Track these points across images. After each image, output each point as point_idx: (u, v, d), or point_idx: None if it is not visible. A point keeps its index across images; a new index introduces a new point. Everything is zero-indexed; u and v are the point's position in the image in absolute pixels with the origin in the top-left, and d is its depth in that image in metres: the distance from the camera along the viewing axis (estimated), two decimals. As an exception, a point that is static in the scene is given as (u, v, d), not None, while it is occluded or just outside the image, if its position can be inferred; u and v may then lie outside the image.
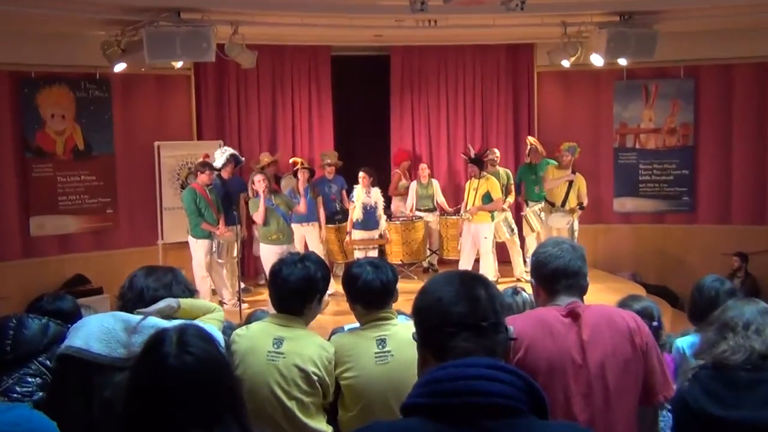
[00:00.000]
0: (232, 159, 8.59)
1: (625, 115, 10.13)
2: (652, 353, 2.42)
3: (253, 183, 7.80)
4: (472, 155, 8.91)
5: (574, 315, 2.40)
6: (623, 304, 3.53)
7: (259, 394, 2.83)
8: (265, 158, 9.15)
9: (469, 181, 8.87)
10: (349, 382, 2.96)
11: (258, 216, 7.73)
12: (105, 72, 8.48)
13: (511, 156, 10.33)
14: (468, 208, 8.76)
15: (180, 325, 1.73)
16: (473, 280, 1.71)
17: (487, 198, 8.71)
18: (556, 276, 2.48)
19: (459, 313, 1.63)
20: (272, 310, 3.11)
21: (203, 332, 1.73)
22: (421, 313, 1.71)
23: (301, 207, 8.07)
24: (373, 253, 8.70)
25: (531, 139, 9.73)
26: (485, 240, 8.70)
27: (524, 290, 3.40)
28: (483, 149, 9.36)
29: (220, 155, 8.50)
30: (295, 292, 2.97)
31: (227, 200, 8.35)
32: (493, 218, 8.77)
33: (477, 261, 8.80)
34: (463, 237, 8.83)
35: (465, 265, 8.61)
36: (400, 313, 3.34)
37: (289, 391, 2.86)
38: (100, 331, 2.46)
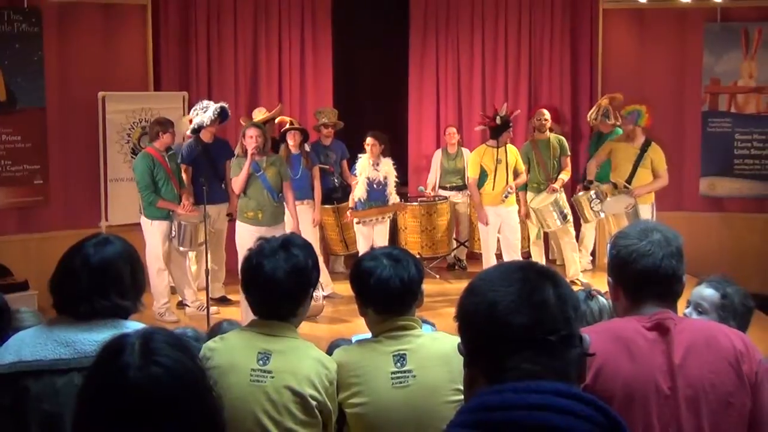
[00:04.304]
0: (220, 115, 8.44)
1: (718, 69, 10.09)
2: (764, 388, 2.40)
3: (243, 137, 7.63)
4: (508, 116, 8.79)
5: (662, 329, 2.38)
6: (715, 284, 3.32)
7: (241, 426, 2.84)
8: (260, 114, 9.05)
9: (482, 150, 8.71)
10: (357, 410, 2.96)
11: (237, 182, 7.55)
12: (35, -1, 8.45)
13: (567, 119, 10.30)
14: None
15: (145, 329, 1.72)
16: (539, 276, 1.69)
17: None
18: (643, 280, 2.45)
19: (520, 325, 1.62)
20: (244, 320, 3.10)
21: (175, 338, 1.72)
22: (468, 320, 1.69)
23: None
24: (381, 229, 8.64)
25: (603, 100, 9.60)
26: (517, 229, 8.72)
27: (601, 294, 3.36)
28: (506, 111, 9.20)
29: (202, 111, 8.35)
30: (286, 292, 2.97)
31: (212, 170, 8.29)
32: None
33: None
34: (488, 227, 8.69)
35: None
36: (424, 321, 3.33)
37: (281, 421, 2.86)
38: (32, 336, 2.52)
